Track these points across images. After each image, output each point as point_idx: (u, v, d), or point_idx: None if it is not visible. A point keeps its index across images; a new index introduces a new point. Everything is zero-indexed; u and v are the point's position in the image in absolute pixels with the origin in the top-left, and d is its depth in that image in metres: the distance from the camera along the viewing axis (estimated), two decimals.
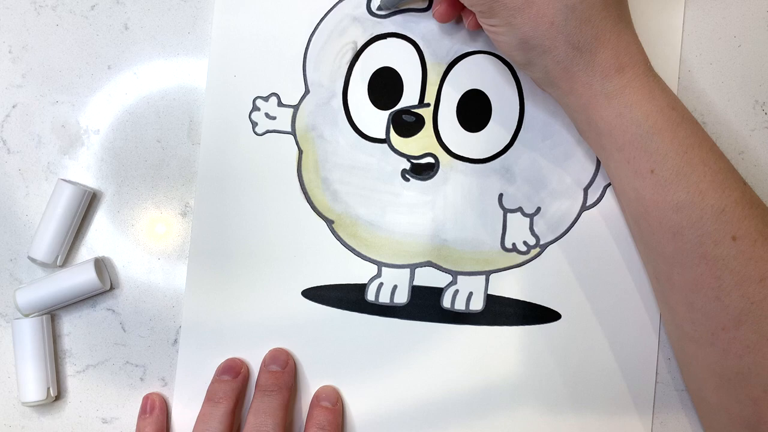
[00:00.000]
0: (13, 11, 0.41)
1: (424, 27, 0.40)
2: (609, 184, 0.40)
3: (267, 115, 0.40)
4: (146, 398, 0.40)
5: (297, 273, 0.40)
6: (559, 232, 0.40)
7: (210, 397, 0.38)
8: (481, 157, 0.40)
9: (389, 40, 0.40)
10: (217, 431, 0.37)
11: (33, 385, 0.39)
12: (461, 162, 0.40)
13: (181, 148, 0.41)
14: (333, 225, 0.40)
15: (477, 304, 0.40)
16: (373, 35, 0.40)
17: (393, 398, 0.40)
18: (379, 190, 0.40)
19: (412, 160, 0.40)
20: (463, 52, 0.40)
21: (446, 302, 0.40)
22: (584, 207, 0.40)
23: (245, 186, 0.40)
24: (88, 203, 0.40)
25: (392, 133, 0.40)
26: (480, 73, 0.40)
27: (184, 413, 0.40)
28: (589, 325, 0.40)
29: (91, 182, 0.41)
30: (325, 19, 0.40)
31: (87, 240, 0.41)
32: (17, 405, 0.40)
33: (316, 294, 0.40)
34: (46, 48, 0.41)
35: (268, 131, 0.40)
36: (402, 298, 0.40)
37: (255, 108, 0.40)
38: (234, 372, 0.39)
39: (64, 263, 0.40)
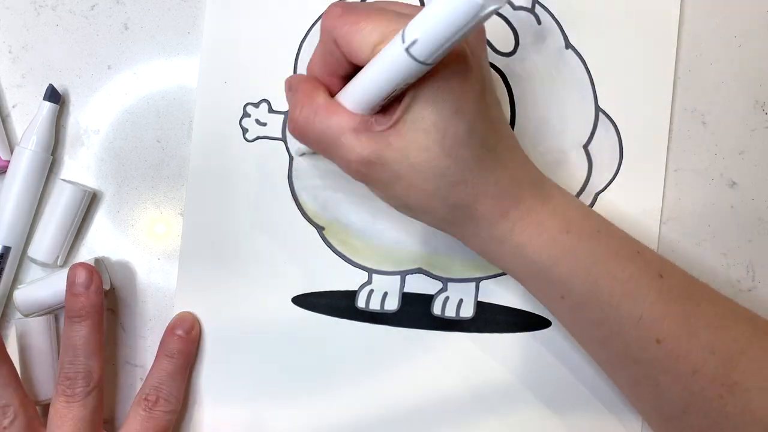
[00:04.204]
0: (13, 11, 0.41)
1: None
2: (600, 191, 0.40)
3: (257, 121, 0.40)
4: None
5: (287, 279, 0.40)
6: None
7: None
8: None
9: None
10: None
11: (39, 383, 0.39)
12: None
13: (181, 148, 0.41)
14: (323, 231, 0.40)
15: (467, 311, 0.40)
16: None
17: (383, 405, 0.40)
18: (369, 197, 0.40)
19: None
20: None
21: (437, 309, 0.40)
22: None
23: (236, 192, 0.40)
24: (89, 203, 0.40)
25: None
26: None
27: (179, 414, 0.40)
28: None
29: (91, 182, 0.41)
30: (316, 25, 0.40)
31: (87, 240, 0.41)
32: None
33: (306, 301, 0.40)
34: (46, 48, 0.41)
35: (258, 137, 0.40)
36: (392, 305, 0.40)
37: (245, 114, 0.40)
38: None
39: (65, 263, 0.40)
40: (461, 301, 0.40)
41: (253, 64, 0.40)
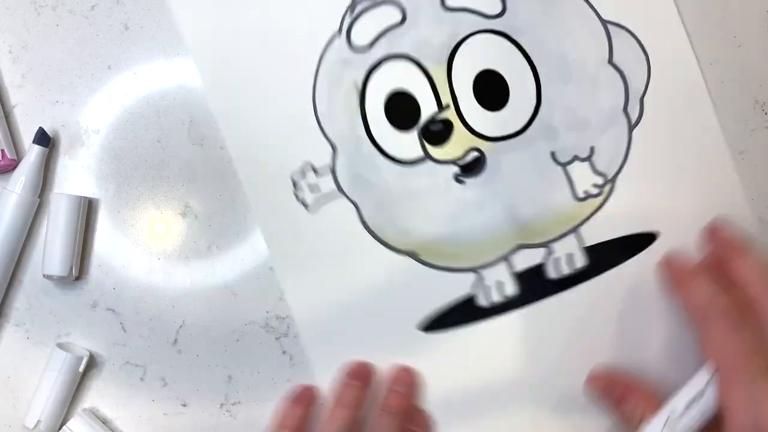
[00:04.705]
0: (13, 11, 0.41)
1: (408, 38, 0.40)
2: (643, 95, 0.40)
3: (310, 187, 0.40)
4: (303, 389, 0.39)
5: (405, 312, 0.40)
6: (620, 160, 0.40)
7: (340, 402, 0.39)
8: (518, 130, 0.40)
9: (384, 65, 0.40)
10: None
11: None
12: (503, 142, 0.40)
13: (181, 148, 0.41)
14: (418, 255, 0.40)
15: (580, 261, 0.40)
16: (369, 68, 0.40)
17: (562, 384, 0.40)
18: (443, 204, 0.40)
19: (459, 163, 0.40)
20: (455, 43, 0.40)
21: (552, 272, 0.40)
22: (631, 127, 0.40)
23: (319, 251, 0.40)
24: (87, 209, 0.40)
25: (428, 147, 0.40)
26: (480, 55, 0.40)
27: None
28: (689, 236, 0.40)
29: (92, 182, 0.41)
30: (319, 75, 0.40)
31: (87, 241, 0.41)
32: (17, 405, 0.40)
33: (434, 324, 0.40)
34: (46, 48, 0.41)
35: (319, 203, 0.40)
36: (511, 290, 0.40)
37: (296, 187, 0.40)
38: (363, 379, 0.39)
39: (80, 274, 0.40)
40: (570, 255, 0.40)
41: (276, 132, 0.40)
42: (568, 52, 0.40)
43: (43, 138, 0.39)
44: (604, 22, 0.40)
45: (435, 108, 0.40)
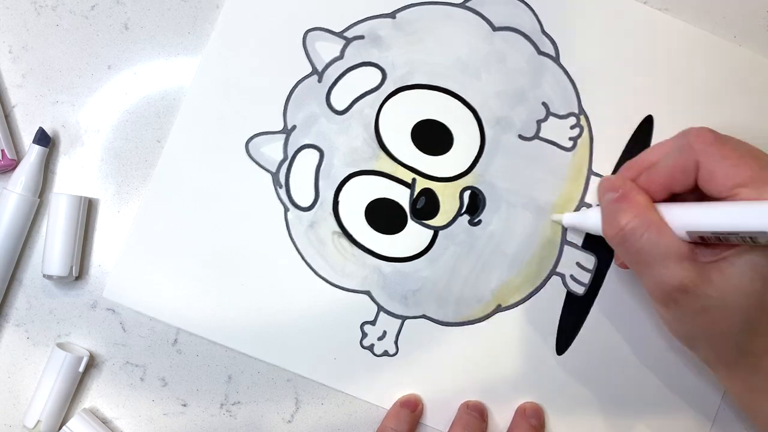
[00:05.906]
0: (13, 11, 0.41)
1: (341, 155, 0.40)
2: (541, 28, 0.40)
3: (378, 338, 0.40)
4: (411, 396, 0.40)
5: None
6: (571, 90, 0.41)
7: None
8: (479, 145, 0.40)
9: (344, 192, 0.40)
10: None
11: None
12: (483, 160, 0.40)
13: None
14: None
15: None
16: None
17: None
18: (472, 260, 0.41)
19: (462, 211, 0.40)
20: (371, 135, 0.40)
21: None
22: (555, 59, 0.41)
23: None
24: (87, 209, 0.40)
25: (431, 222, 0.40)
26: (395, 121, 0.40)
27: None
28: None
29: (91, 182, 0.41)
30: (300, 248, 0.40)
31: (87, 241, 0.41)
32: (18, 405, 0.40)
33: None
34: (46, 48, 0.41)
35: (385, 352, 0.41)
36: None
37: (364, 334, 0.40)
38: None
39: (80, 273, 0.40)
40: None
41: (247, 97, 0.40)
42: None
43: (43, 138, 0.39)
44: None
45: (409, 197, 0.40)
